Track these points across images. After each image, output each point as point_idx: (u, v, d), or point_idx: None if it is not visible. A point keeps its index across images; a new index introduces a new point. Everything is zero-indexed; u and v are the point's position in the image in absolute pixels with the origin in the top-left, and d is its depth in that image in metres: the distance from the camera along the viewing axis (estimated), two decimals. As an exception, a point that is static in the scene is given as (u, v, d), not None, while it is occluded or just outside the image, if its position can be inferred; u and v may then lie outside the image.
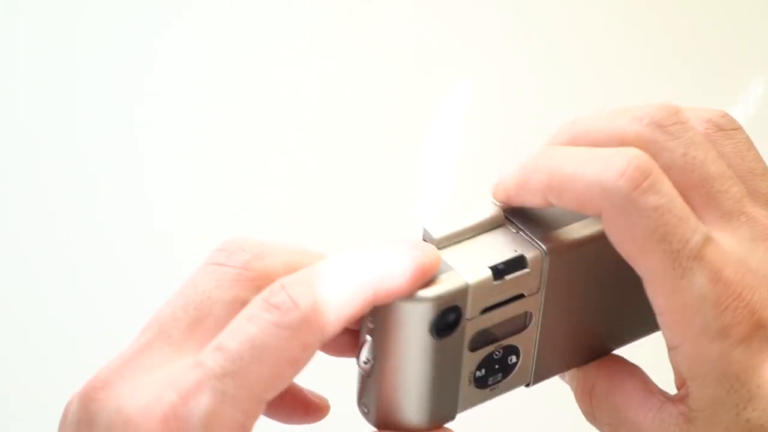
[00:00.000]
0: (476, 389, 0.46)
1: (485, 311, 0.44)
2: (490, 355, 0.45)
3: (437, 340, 0.43)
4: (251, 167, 1.15)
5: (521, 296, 0.44)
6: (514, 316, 0.45)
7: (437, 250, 0.43)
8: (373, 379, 0.44)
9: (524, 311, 0.45)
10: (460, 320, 0.43)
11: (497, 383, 0.46)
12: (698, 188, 0.44)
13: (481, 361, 0.45)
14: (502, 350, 0.45)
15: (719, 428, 0.43)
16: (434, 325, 0.43)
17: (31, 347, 1.03)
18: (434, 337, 0.43)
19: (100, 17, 1.26)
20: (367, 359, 0.44)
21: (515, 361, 0.46)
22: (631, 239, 0.42)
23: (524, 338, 0.46)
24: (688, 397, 0.44)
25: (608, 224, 0.42)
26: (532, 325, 0.46)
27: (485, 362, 0.45)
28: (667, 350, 0.44)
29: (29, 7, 1.26)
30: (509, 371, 0.46)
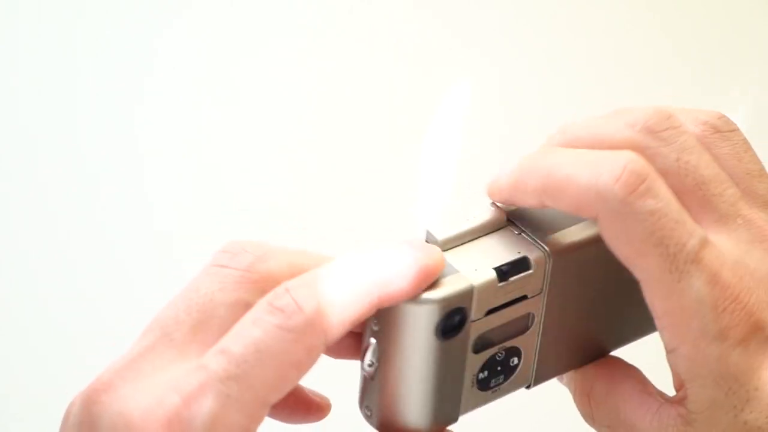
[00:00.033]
0: (479, 391, 0.46)
1: (489, 313, 0.44)
2: (492, 356, 0.45)
3: (442, 341, 0.43)
4: (251, 167, 1.15)
5: (524, 298, 0.45)
6: (516, 317, 0.45)
7: (441, 251, 0.43)
8: (376, 381, 0.44)
9: (527, 313, 0.45)
10: (465, 322, 0.43)
11: (499, 385, 0.46)
12: (693, 192, 0.44)
13: (484, 363, 0.45)
14: (504, 352, 0.45)
15: (717, 430, 0.43)
16: (440, 326, 0.43)
17: (31, 347, 1.03)
18: (439, 338, 0.43)
19: (100, 17, 1.26)
20: (371, 362, 0.44)
21: (517, 362, 0.46)
22: (627, 243, 0.42)
23: (526, 340, 0.46)
24: (686, 398, 0.44)
25: (604, 228, 0.43)
26: (534, 326, 0.46)
27: (488, 364, 0.45)
28: (665, 352, 0.44)
29: (29, 7, 1.26)
30: (511, 373, 0.46)
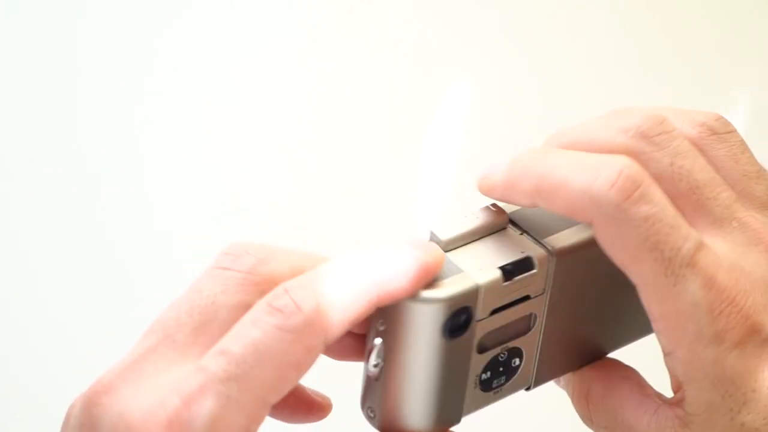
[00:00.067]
0: (481, 392, 0.46)
1: (494, 312, 0.44)
2: (495, 357, 0.45)
3: (448, 341, 0.43)
4: (251, 167, 1.16)
5: (527, 298, 0.45)
6: (519, 318, 0.45)
7: (440, 249, 0.43)
8: (381, 382, 0.44)
9: (529, 313, 0.45)
10: (470, 321, 0.43)
11: (501, 386, 0.46)
12: (688, 196, 0.44)
13: (487, 363, 0.45)
14: (506, 352, 0.46)
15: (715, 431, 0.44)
16: (446, 325, 0.43)
17: (31, 347, 1.03)
18: (446, 338, 0.43)
19: (100, 17, 1.26)
20: (377, 362, 0.44)
21: (518, 363, 0.46)
22: (623, 248, 0.42)
23: (528, 340, 0.46)
24: (684, 400, 0.44)
25: (599, 233, 0.43)
26: (535, 327, 0.46)
27: (491, 364, 0.45)
28: (662, 355, 0.44)
29: (29, 7, 1.26)
30: (512, 374, 0.46)
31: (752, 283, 0.43)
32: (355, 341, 0.46)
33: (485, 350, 0.45)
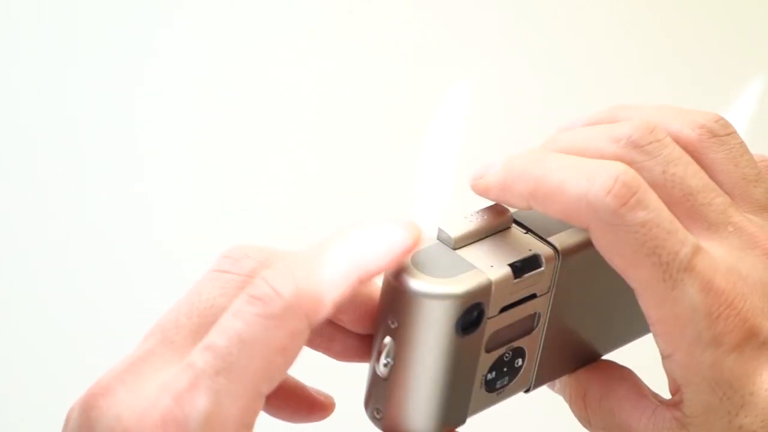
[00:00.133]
0: (485, 393, 0.46)
1: (503, 310, 0.44)
2: (501, 357, 0.45)
3: (461, 338, 0.43)
4: (251, 167, 1.16)
5: (533, 296, 0.45)
6: (524, 316, 0.45)
7: (417, 225, 0.44)
8: (390, 381, 0.44)
9: (534, 312, 0.45)
10: (482, 318, 0.43)
11: (504, 387, 0.46)
12: (682, 203, 0.44)
13: (493, 362, 0.45)
14: (511, 352, 0.46)
15: None
16: (460, 322, 0.43)
17: (31, 347, 1.03)
18: (458, 334, 0.43)
19: (99, 17, 1.26)
20: (387, 361, 0.44)
21: (521, 364, 0.46)
22: (620, 254, 0.42)
23: (530, 340, 0.46)
24: (682, 403, 0.44)
25: (596, 238, 0.43)
26: (539, 326, 0.46)
27: (496, 364, 0.45)
28: (660, 358, 0.44)
29: (29, 6, 1.26)
30: (515, 374, 0.46)
31: (749, 286, 0.43)
32: (358, 342, 0.46)
33: (492, 349, 0.45)
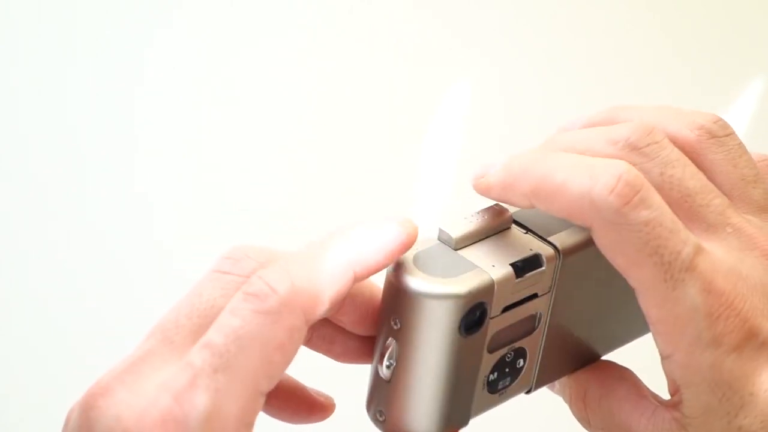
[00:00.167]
0: (488, 394, 0.46)
1: (505, 310, 0.44)
2: (503, 357, 0.45)
3: (464, 338, 0.43)
4: (251, 167, 1.16)
5: (535, 296, 0.45)
6: (526, 317, 0.45)
7: (413, 222, 0.44)
8: (393, 383, 0.44)
9: (535, 312, 0.45)
10: (485, 317, 0.43)
11: (505, 388, 0.46)
12: (680, 204, 0.44)
13: (495, 363, 0.45)
14: (513, 353, 0.46)
15: None
16: (463, 321, 0.43)
17: (31, 347, 1.03)
18: (462, 335, 0.43)
19: (99, 17, 1.26)
20: (390, 363, 0.44)
21: (522, 364, 0.46)
22: (622, 253, 0.42)
23: (532, 341, 0.46)
24: (681, 403, 0.44)
25: (598, 237, 0.43)
26: (540, 326, 0.46)
27: (498, 365, 0.45)
28: (660, 358, 0.44)
29: (28, 6, 1.26)
30: (516, 375, 0.46)
31: (749, 287, 0.43)
32: (359, 343, 0.46)
33: (494, 350, 0.45)
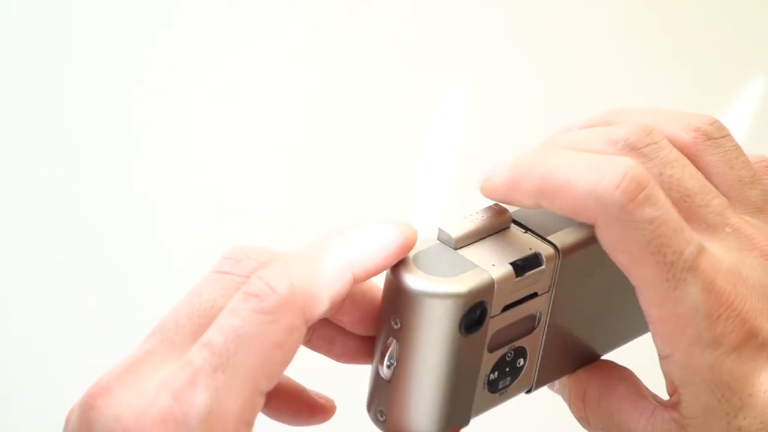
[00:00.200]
0: (488, 393, 0.46)
1: (505, 309, 0.44)
2: (503, 356, 0.45)
3: (464, 337, 0.43)
4: (251, 167, 1.16)
5: (535, 295, 0.45)
6: (526, 316, 0.45)
7: (412, 225, 0.44)
8: (393, 383, 0.44)
9: (535, 311, 0.45)
10: (485, 317, 0.44)
11: (506, 387, 0.46)
12: (679, 204, 0.44)
13: (495, 362, 0.45)
14: (513, 352, 0.46)
15: None
16: (463, 320, 0.43)
17: (31, 347, 1.03)
18: (462, 334, 0.43)
19: (99, 17, 1.26)
20: (390, 363, 0.44)
21: (523, 363, 0.46)
22: (625, 250, 0.42)
23: (532, 340, 0.46)
24: (680, 404, 0.44)
25: (602, 234, 0.43)
26: (540, 326, 0.46)
27: (499, 364, 0.45)
28: (658, 358, 0.44)
29: (28, 6, 1.26)
30: (517, 375, 0.46)
31: (749, 287, 0.43)
32: (359, 344, 0.46)
33: (495, 349, 0.45)
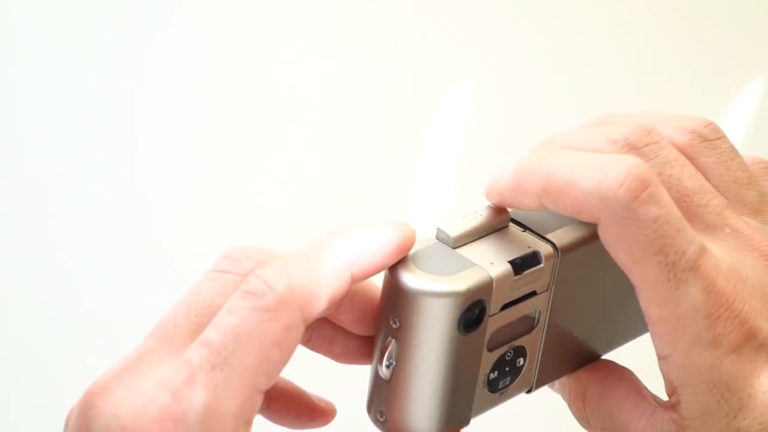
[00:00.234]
0: (488, 393, 0.46)
1: (504, 308, 0.44)
2: (502, 356, 0.45)
3: (463, 336, 0.43)
4: (251, 167, 1.16)
5: (534, 294, 0.45)
6: (525, 315, 0.45)
7: (410, 226, 0.44)
8: (393, 383, 0.44)
9: (535, 310, 0.45)
10: (484, 315, 0.44)
11: (506, 387, 0.46)
12: (679, 204, 0.44)
13: (495, 362, 0.45)
14: (512, 351, 0.46)
15: None
16: (462, 319, 0.43)
17: (31, 347, 1.03)
18: (461, 332, 0.43)
19: (99, 17, 1.26)
20: (389, 362, 0.44)
21: (522, 363, 0.46)
22: (627, 249, 0.42)
23: (531, 339, 0.46)
24: (679, 405, 0.44)
25: (605, 233, 0.42)
26: (539, 325, 0.46)
27: (498, 363, 0.45)
28: (657, 358, 0.44)
29: (29, 6, 1.26)
30: (517, 374, 0.46)
31: (749, 288, 0.43)
32: (359, 343, 0.46)
33: (494, 348, 0.45)
